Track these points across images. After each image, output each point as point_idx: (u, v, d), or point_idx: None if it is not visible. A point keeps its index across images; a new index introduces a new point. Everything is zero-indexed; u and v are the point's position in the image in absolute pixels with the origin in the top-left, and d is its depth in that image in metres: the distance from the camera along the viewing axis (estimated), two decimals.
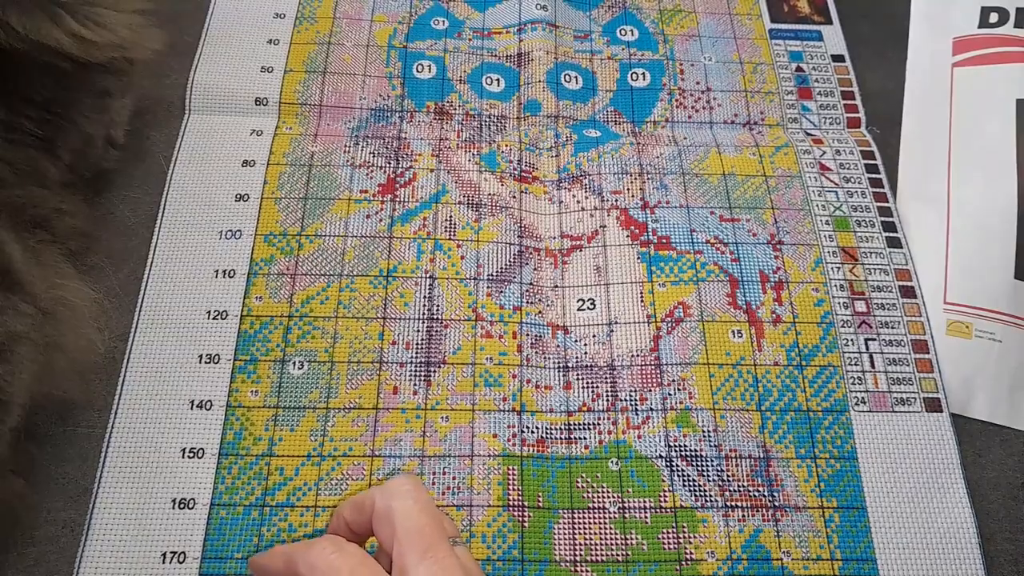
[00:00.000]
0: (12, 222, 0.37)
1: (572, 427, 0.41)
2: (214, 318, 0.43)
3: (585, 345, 0.44)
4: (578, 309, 0.45)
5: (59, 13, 0.37)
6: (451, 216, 0.47)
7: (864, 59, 0.55)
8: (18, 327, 0.34)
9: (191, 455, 0.40)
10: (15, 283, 0.35)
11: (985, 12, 0.55)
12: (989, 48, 0.54)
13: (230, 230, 0.46)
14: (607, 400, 0.42)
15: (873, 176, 0.50)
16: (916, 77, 0.54)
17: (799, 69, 0.54)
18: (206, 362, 0.42)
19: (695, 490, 0.40)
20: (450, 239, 0.46)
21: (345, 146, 0.49)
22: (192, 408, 0.41)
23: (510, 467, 0.40)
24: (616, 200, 0.48)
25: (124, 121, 0.47)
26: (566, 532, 0.39)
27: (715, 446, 0.41)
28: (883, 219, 0.48)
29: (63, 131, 0.41)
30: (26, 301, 0.35)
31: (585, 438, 0.41)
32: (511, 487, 0.40)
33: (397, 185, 0.47)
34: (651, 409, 0.42)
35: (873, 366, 0.44)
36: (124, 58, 0.42)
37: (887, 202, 0.49)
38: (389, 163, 0.48)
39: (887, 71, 0.55)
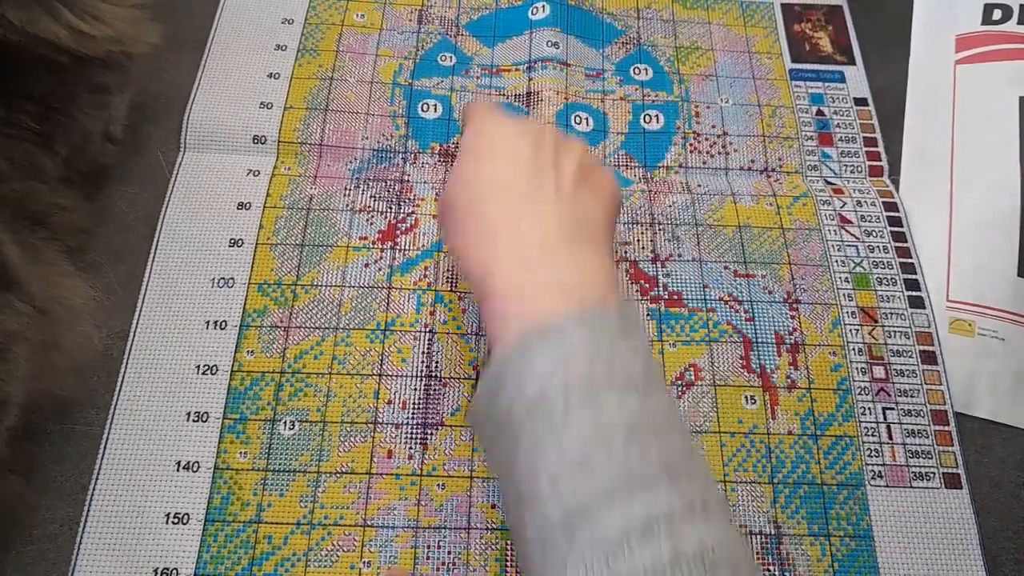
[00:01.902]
0: (10, 218, 0.37)
1: None
2: (203, 373, 0.41)
3: None
4: None
5: (56, 7, 0.37)
6: (453, 266, 0.45)
7: (867, 57, 0.55)
8: (15, 325, 0.34)
9: (175, 521, 0.38)
10: (12, 281, 0.35)
11: (988, 9, 0.54)
12: (992, 45, 0.53)
13: (222, 278, 0.44)
14: None
15: (896, 229, 0.48)
16: (919, 74, 0.53)
17: (820, 113, 0.52)
18: (194, 420, 0.40)
19: None
20: (451, 291, 0.44)
21: (345, 189, 0.47)
22: (178, 470, 0.39)
23: (508, 542, 0.38)
24: (625, 252, 0.46)
25: (122, 116, 0.46)
26: None
27: None
28: (906, 276, 0.46)
29: (61, 126, 0.41)
30: (23, 299, 0.35)
31: None
32: (509, 564, 0.38)
33: (398, 232, 0.46)
34: None
35: (891, 437, 0.42)
36: (122, 52, 0.42)
37: (910, 257, 0.47)
38: (390, 208, 0.46)
39: (890, 69, 0.54)
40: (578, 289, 0.31)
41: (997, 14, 0.54)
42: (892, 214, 0.48)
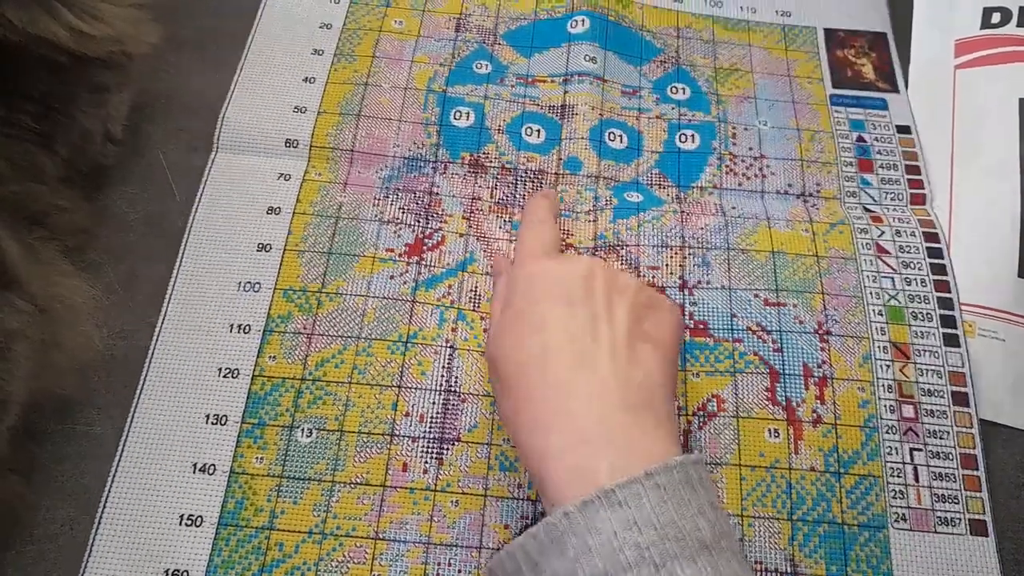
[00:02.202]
0: (10, 218, 0.37)
1: None
2: (225, 376, 0.42)
3: None
4: None
5: (56, 7, 0.37)
6: (476, 287, 0.44)
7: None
8: (15, 325, 0.34)
9: (189, 522, 0.38)
10: (12, 280, 0.35)
11: (987, 12, 0.53)
12: (992, 49, 0.52)
13: (249, 281, 0.44)
14: None
15: (935, 262, 0.47)
16: (919, 79, 0.53)
17: (860, 139, 0.51)
18: (213, 423, 0.40)
19: None
20: (474, 311, 0.44)
21: (375, 198, 0.47)
22: (195, 472, 0.39)
23: None
24: (653, 277, 0.45)
25: (122, 116, 0.46)
26: None
27: None
28: (943, 312, 0.45)
29: (60, 126, 0.41)
30: (23, 299, 0.35)
31: None
32: None
33: (424, 247, 0.45)
34: None
35: (917, 479, 0.41)
36: (122, 52, 0.42)
37: (948, 292, 0.46)
38: (418, 221, 0.46)
39: None
40: (641, 458, 0.30)
41: (996, 17, 0.53)
42: (932, 245, 0.47)
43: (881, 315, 0.45)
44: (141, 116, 0.48)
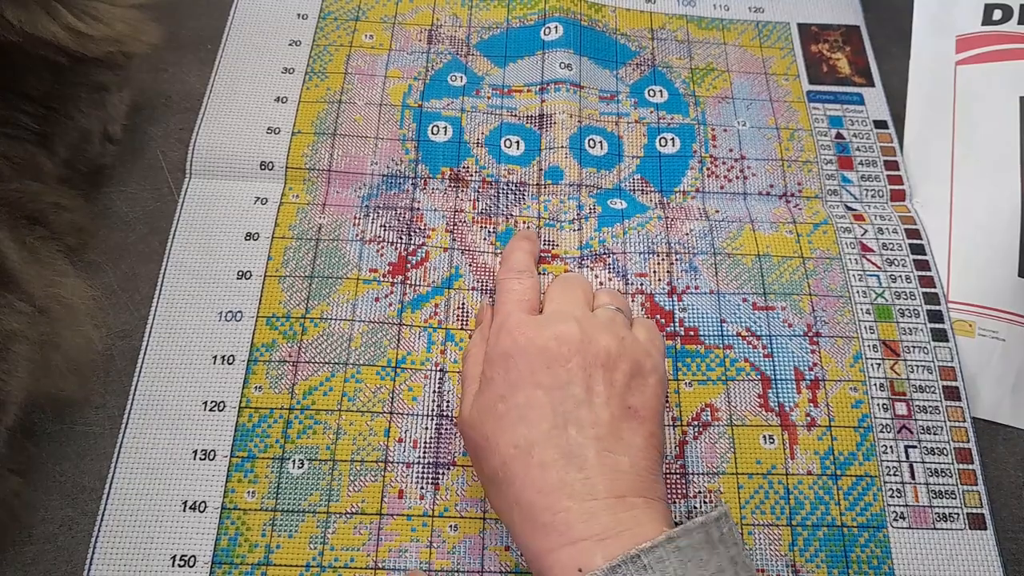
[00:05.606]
0: (9, 218, 0.37)
1: None
2: (210, 409, 0.41)
3: None
4: None
5: (55, 7, 0.37)
6: (463, 304, 0.44)
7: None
8: (14, 325, 0.34)
9: (181, 564, 0.37)
10: (11, 280, 0.35)
11: (988, 9, 0.53)
12: (992, 46, 0.52)
13: (230, 311, 0.43)
14: None
15: (919, 258, 0.47)
16: (919, 76, 0.53)
17: (839, 136, 0.51)
18: (201, 458, 0.40)
19: None
20: (462, 329, 0.43)
21: (355, 218, 0.46)
22: (184, 509, 0.38)
23: None
24: (641, 284, 0.45)
25: (121, 116, 0.46)
26: None
27: None
28: (929, 307, 0.45)
29: (60, 126, 0.41)
30: (22, 299, 0.35)
31: None
32: None
33: (409, 265, 0.45)
34: None
35: (913, 477, 0.41)
36: (121, 52, 0.42)
37: (933, 287, 0.46)
38: (401, 239, 0.45)
39: (891, 70, 0.54)
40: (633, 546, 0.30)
41: (997, 14, 0.53)
42: (914, 241, 0.47)
43: (869, 314, 0.45)
44: (140, 116, 0.48)
